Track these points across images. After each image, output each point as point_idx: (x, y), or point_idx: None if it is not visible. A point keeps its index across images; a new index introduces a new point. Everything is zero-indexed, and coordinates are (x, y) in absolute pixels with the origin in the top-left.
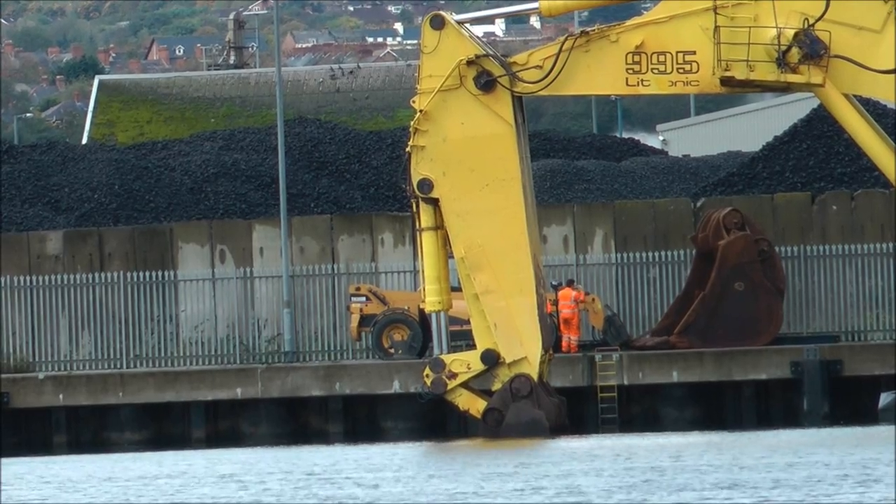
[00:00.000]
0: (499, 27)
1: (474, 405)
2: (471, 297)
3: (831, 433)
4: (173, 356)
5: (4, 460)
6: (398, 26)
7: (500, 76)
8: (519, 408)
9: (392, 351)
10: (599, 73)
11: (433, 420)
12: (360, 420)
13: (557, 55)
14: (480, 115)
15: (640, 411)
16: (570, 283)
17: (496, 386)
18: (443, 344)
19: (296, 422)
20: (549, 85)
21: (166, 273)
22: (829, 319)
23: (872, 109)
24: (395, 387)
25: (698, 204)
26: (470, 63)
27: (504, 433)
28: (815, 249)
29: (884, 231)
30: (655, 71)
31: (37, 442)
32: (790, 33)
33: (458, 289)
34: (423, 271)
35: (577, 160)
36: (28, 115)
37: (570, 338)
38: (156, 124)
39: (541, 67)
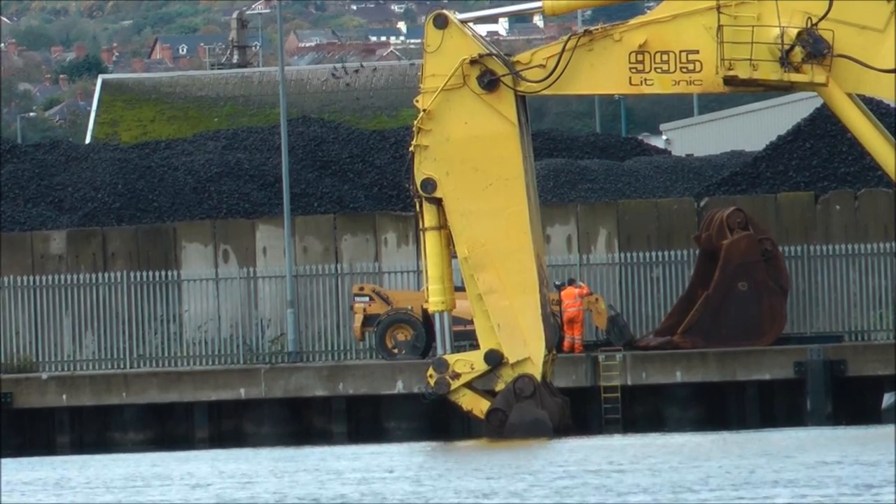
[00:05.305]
0: (502, 26)
1: (478, 405)
2: (474, 297)
3: (835, 433)
4: (177, 356)
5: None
6: (401, 25)
7: (503, 75)
8: (522, 408)
9: (395, 351)
10: (603, 73)
11: (436, 420)
12: (364, 420)
13: (561, 54)
14: (484, 114)
15: (644, 411)
16: (571, 283)
17: (500, 386)
18: (446, 344)
19: (299, 422)
20: (552, 84)
21: (170, 273)
22: (833, 319)
23: (875, 109)
24: (399, 387)
25: (702, 203)
26: (473, 62)
27: (507, 433)
28: (819, 249)
29: (887, 231)
30: (659, 70)
31: (40, 442)
32: (793, 32)
33: (461, 289)
34: (426, 271)
35: (581, 160)
36: (31, 114)
37: (573, 337)
38: (159, 123)
39: (544, 66)
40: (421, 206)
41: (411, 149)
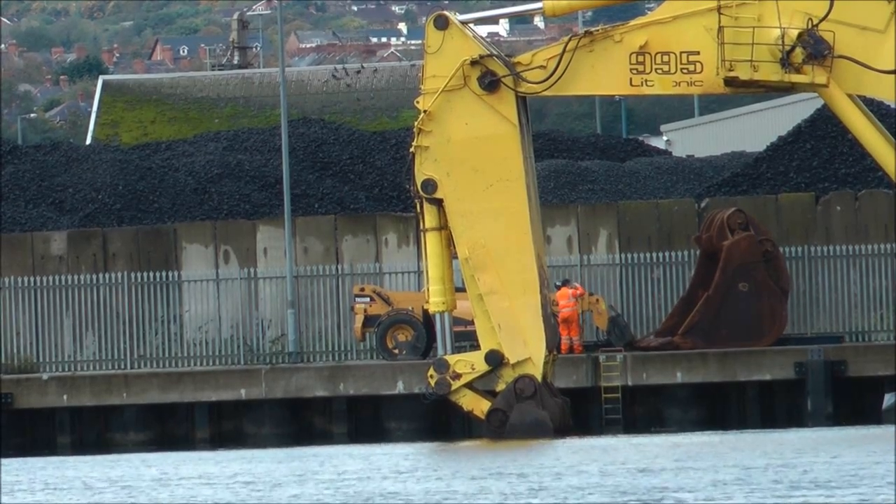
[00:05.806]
0: (502, 27)
1: (478, 406)
2: (475, 298)
3: (835, 434)
4: (177, 357)
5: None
6: (402, 26)
7: (503, 76)
8: (523, 408)
9: (396, 351)
10: (603, 74)
11: (437, 421)
12: (364, 421)
13: (561, 55)
14: (484, 115)
15: (644, 412)
16: (565, 283)
17: (500, 387)
18: (447, 344)
19: (299, 423)
20: (552, 85)
21: (170, 273)
22: (833, 320)
23: (876, 109)
24: (399, 387)
25: (702, 204)
26: (474, 63)
27: (508, 434)
28: (819, 250)
29: (888, 231)
30: (659, 71)
31: (40, 443)
32: (794, 33)
33: (462, 289)
34: (426, 272)
35: (581, 160)
36: (32, 115)
37: (570, 338)
38: (160, 125)
39: (545, 67)
40: (421, 206)
41: (412, 150)
